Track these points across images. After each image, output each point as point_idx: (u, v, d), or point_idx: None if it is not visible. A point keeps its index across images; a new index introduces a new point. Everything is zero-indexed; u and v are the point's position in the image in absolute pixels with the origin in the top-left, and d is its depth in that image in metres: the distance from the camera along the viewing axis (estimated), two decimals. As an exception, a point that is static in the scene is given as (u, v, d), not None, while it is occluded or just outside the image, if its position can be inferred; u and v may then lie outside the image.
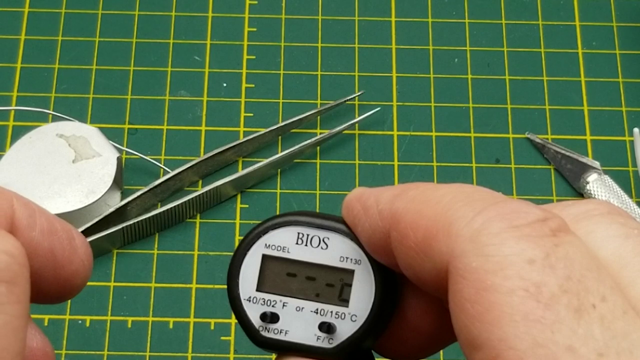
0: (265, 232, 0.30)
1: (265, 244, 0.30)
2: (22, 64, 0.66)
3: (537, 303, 0.22)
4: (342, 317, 0.29)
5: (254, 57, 0.67)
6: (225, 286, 0.30)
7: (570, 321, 0.22)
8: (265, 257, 0.30)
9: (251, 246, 0.30)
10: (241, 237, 0.60)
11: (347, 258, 0.29)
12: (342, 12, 0.69)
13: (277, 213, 0.61)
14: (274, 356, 0.30)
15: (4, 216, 0.26)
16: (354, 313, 0.29)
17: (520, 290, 0.23)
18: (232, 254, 0.31)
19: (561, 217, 0.24)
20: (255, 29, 0.68)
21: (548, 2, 0.69)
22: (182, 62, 0.66)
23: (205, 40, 0.67)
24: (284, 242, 0.30)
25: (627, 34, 0.68)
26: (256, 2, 0.69)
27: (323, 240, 0.29)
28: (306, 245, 0.30)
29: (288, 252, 0.30)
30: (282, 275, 0.30)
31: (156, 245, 0.60)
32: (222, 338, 0.58)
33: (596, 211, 0.26)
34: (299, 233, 0.30)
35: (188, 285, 0.59)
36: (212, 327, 0.58)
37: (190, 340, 0.58)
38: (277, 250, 0.30)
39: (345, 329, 0.29)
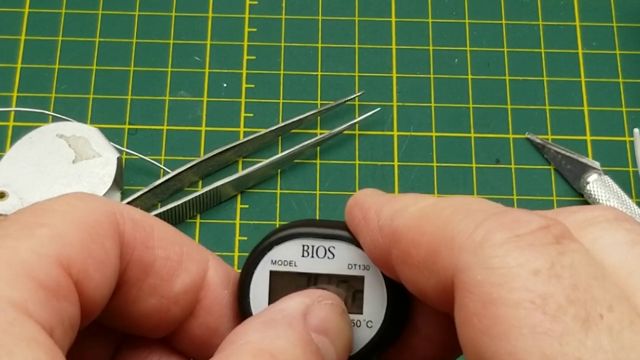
0: (269, 248, 0.30)
1: (272, 260, 0.30)
2: (22, 64, 0.66)
3: (544, 315, 0.22)
4: (358, 324, 0.29)
5: (254, 57, 0.67)
6: (237, 306, 0.30)
7: (578, 333, 0.22)
8: (273, 274, 0.30)
9: (257, 264, 0.30)
10: (241, 238, 0.60)
11: (355, 265, 0.29)
12: (342, 12, 0.69)
13: (277, 214, 0.61)
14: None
15: (196, 271, 0.28)
16: (369, 319, 0.29)
17: (527, 303, 0.22)
18: (232, 254, 0.31)
19: (563, 224, 0.24)
20: (255, 29, 0.68)
21: (548, 2, 0.69)
22: (182, 62, 0.66)
23: (205, 41, 0.67)
24: (290, 256, 0.29)
25: (627, 34, 0.68)
26: (256, 2, 0.69)
27: (329, 250, 0.29)
28: (312, 256, 0.29)
29: (295, 265, 0.29)
30: (292, 289, 0.29)
31: (156, 246, 0.60)
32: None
33: (602, 217, 0.25)
34: (303, 245, 0.29)
35: (188, 286, 0.59)
36: (212, 328, 0.58)
37: (191, 340, 0.58)
38: (284, 265, 0.29)
39: (363, 336, 0.29)
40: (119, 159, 0.60)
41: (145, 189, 0.60)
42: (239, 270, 0.30)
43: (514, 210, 0.24)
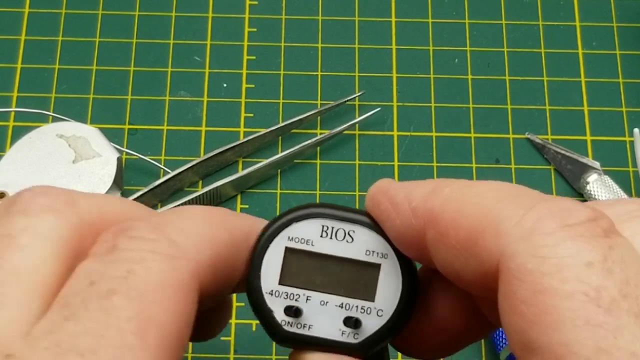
0: (288, 224, 0.29)
1: (289, 237, 0.29)
2: (22, 64, 0.66)
3: (598, 308, 0.22)
4: (368, 311, 0.29)
5: (254, 57, 0.67)
6: (246, 276, 0.29)
7: (632, 326, 0.22)
8: (288, 250, 0.29)
9: (274, 238, 0.29)
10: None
11: (373, 252, 0.29)
12: (342, 12, 0.69)
13: (277, 214, 0.61)
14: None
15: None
16: (380, 308, 0.29)
17: (580, 294, 0.22)
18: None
19: (608, 217, 0.24)
20: (255, 29, 0.68)
21: (548, 2, 0.69)
22: (182, 62, 0.66)
23: (205, 41, 0.67)
24: (308, 234, 0.29)
25: (627, 34, 0.68)
26: (256, 2, 0.69)
27: (348, 234, 0.29)
28: (331, 238, 0.29)
29: (312, 245, 0.29)
30: (306, 269, 0.29)
31: (156, 246, 0.60)
32: (222, 338, 0.58)
33: (639, 212, 0.25)
34: (323, 226, 0.29)
35: (188, 286, 0.59)
36: (212, 328, 0.58)
37: (191, 340, 0.58)
38: (301, 243, 0.29)
39: (371, 324, 0.29)
40: (119, 159, 0.60)
41: (145, 189, 0.60)
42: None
43: (562, 199, 0.24)
